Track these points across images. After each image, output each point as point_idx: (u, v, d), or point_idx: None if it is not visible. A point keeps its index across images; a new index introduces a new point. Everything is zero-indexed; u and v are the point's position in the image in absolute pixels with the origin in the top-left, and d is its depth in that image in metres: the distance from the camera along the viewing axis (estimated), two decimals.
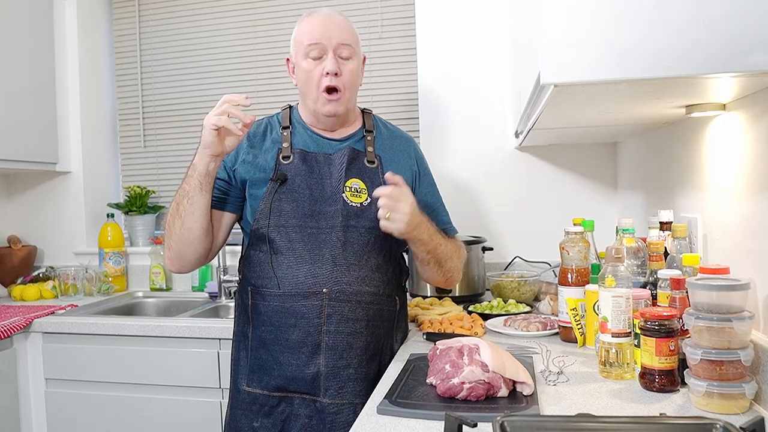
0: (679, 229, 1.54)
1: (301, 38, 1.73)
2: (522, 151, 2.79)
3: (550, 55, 1.11)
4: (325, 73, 1.69)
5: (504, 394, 1.30)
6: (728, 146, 1.45)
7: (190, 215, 1.66)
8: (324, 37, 1.70)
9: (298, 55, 1.74)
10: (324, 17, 1.73)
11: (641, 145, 2.27)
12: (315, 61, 1.71)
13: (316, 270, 1.66)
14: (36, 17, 3.00)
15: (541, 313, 2.16)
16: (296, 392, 1.68)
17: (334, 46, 1.70)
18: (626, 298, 1.44)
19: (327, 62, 1.69)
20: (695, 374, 1.23)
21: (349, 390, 1.64)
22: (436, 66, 2.85)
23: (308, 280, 1.66)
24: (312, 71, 1.71)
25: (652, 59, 1.07)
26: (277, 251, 1.69)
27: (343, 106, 1.74)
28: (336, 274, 1.66)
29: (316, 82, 1.71)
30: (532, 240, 2.75)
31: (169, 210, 1.72)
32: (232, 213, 1.79)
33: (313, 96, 1.72)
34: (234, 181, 1.76)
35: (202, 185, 1.64)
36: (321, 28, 1.71)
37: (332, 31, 1.70)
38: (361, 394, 1.62)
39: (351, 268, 1.67)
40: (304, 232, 1.68)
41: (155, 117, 3.34)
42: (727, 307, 1.20)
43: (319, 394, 1.65)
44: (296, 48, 1.75)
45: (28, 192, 3.30)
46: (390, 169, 1.77)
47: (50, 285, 2.96)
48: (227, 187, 1.76)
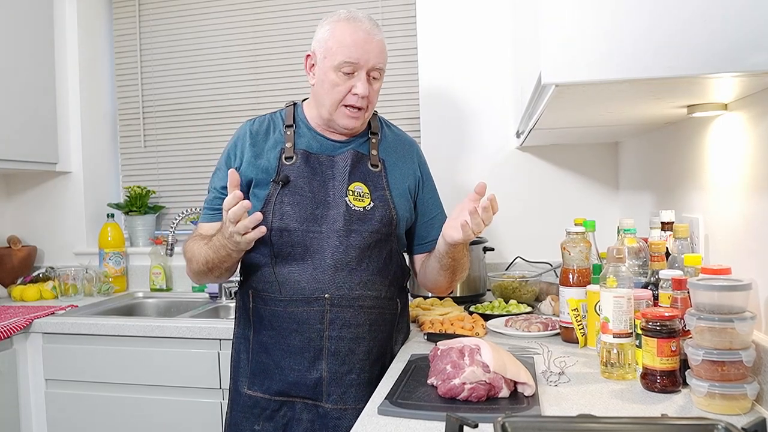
0: (680, 229, 1.54)
1: (335, 48, 1.65)
2: (523, 151, 2.79)
3: (552, 54, 1.11)
4: (354, 92, 1.66)
5: (505, 394, 1.30)
6: (730, 146, 1.45)
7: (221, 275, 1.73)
8: (362, 59, 1.64)
9: (327, 62, 1.66)
10: (365, 35, 1.65)
11: (643, 145, 2.27)
12: (345, 77, 1.66)
13: (318, 275, 1.64)
14: (36, 17, 3.00)
15: (543, 313, 2.16)
16: (298, 397, 1.67)
17: (368, 68, 1.66)
18: (628, 298, 1.43)
19: (359, 84, 1.65)
20: (697, 375, 1.23)
21: (352, 395, 1.63)
22: (437, 66, 2.84)
23: (310, 285, 1.65)
24: (340, 86, 1.66)
25: (654, 59, 1.07)
26: (279, 255, 1.67)
27: (361, 122, 1.72)
28: (338, 279, 1.65)
29: (341, 97, 1.67)
30: (533, 240, 2.75)
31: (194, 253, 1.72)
32: None
33: (332, 108, 1.69)
34: (241, 185, 1.71)
35: (241, 254, 1.65)
36: (361, 48, 1.64)
37: (371, 53, 1.65)
38: (364, 399, 1.60)
39: (353, 272, 1.66)
40: (306, 237, 1.66)
41: (155, 117, 3.33)
42: (729, 308, 1.20)
43: (322, 399, 1.64)
44: (326, 54, 1.67)
45: (28, 192, 3.30)
46: (393, 174, 1.77)
47: (50, 285, 2.95)
48: None
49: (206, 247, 1.67)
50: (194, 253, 1.72)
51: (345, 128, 1.71)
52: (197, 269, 1.72)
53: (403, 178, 1.79)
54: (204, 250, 1.68)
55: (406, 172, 1.81)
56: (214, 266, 1.68)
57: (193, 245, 1.74)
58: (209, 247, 1.66)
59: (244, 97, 3.19)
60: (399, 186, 1.77)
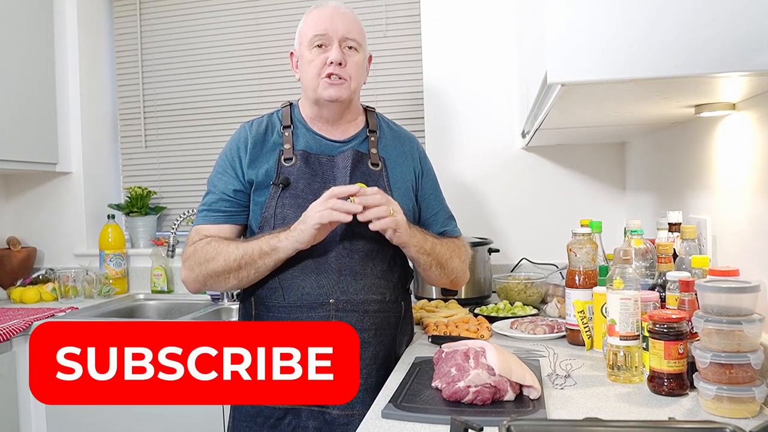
0: (688, 230, 1.53)
1: (306, 30, 1.71)
2: (529, 151, 2.78)
3: (557, 54, 1.11)
4: (329, 62, 1.66)
5: (510, 397, 1.29)
6: (738, 146, 1.44)
7: (245, 278, 1.64)
8: (330, 29, 1.67)
9: (302, 46, 1.71)
10: (331, 9, 1.70)
11: (650, 145, 2.26)
12: (318, 50, 1.68)
13: (322, 280, 1.63)
14: (36, 17, 2.99)
15: (548, 315, 2.14)
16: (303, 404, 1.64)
17: (339, 38, 1.68)
18: (634, 300, 1.42)
19: (332, 52, 1.67)
20: (704, 378, 1.22)
21: (359, 401, 1.58)
22: (442, 65, 2.83)
23: (314, 291, 1.63)
24: (315, 60, 1.68)
25: (660, 58, 1.06)
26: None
27: (346, 92, 1.70)
28: (342, 284, 1.63)
29: (318, 69, 1.68)
30: (538, 241, 2.73)
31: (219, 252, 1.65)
32: (244, 223, 1.75)
33: (314, 84, 1.69)
34: (248, 188, 1.72)
35: (276, 264, 1.62)
36: (328, 20, 1.68)
37: (338, 23, 1.68)
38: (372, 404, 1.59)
39: (357, 277, 1.64)
40: None
41: (156, 117, 3.32)
42: (737, 310, 1.19)
43: (328, 406, 1.61)
44: (300, 39, 1.73)
45: (27, 193, 3.29)
46: (394, 172, 1.76)
47: (50, 287, 2.94)
48: (246, 200, 1.72)
49: (245, 244, 1.63)
50: (217, 251, 1.64)
51: (329, 99, 1.69)
52: (217, 269, 1.64)
53: (404, 175, 1.78)
54: (241, 247, 1.62)
55: (407, 169, 1.79)
56: (246, 264, 1.61)
57: (211, 246, 1.66)
58: (254, 243, 1.61)
59: (247, 97, 3.18)
60: (400, 184, 1.76)
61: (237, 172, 1.71)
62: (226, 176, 1.73)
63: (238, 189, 1.71)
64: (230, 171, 1.72)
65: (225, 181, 1.73)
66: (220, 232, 1.71)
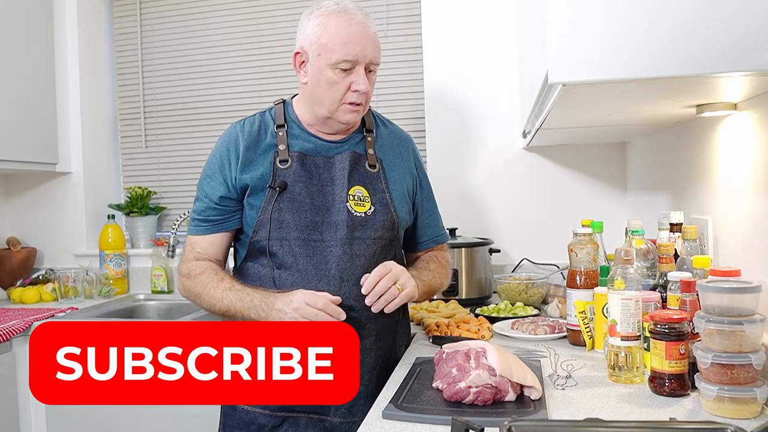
0: (689, 230, 1.53)
1: (331, 45, 1.58)
2: (530, 151, 2.78)
3: (558, 53, 1.11)
4: (354, 89, 1.60)
5: (511, 398, 1.29)
6: (740, 146, 1.44)
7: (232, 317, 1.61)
8: (360, 54, 1.58)
9: (322, 59, 1.59)
10: (360, 29, 1.59)
11: (651, 145, 2.26)
12: (343, 73, 1.59)
13: (323, 286, 1.58)
14: (36, 17, 2.99)
15: (549, 316, 2.14)
16: (302, 412, 1.60)
17: (366, 63, 1.60)
18: (636, 300, 1.42)
19: (360, 81, 1.59)
20: (706, 378, 1.22)
21: (361, 407, 1.54)
22: (443, 65, 2.83)
23: None
24: (339, 84, 1.59)
25: (662, 58, 1.07)
26: (281, 266, 1.62)
27: (362, 114, 1.68)
28: (344, 291, 1.59)
29: (340, 95, 1.61)
30: (539, 242, 2.73)
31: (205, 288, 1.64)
32: (236, 227, 1.72)
33: (333, 108, 1.62)
34: (236, 193, 1.67)
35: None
36: (358, 43, 1.58)
37: (368, 48, 1.59)
38: None
39: (359, 283, 1.58)
40: (308, 246, 1.60)
41: (157, 117, 3.32)
42: (739, 310, 1.19)
43: (329, 413, 1.59)
44: (320, 51, 1.59)
45: (27, 193, 3.29)
46: (391, 174, 1.73)
47: (50, 287, 2.94)
48: (234, 206, 1.68)
49: (232, 295, 1.59)
50: (205, 289, 1.63)
51: (347, 124, 1.67)
52: (205, 306, 1.64)
53: (402, 178, 1.76)
54: (227, 296, 1.60)
55: (404, 172, 1.77)
56: (231, 317, 1.59)
57: (200, 280, 1.65)
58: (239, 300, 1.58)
59: (247, 97, 3.17)
60: (398, 187, 1.74)
61: (226, 176, 1.67)
62: (214, 181, 1.69)
63: (224, 196, 1.66)
64: (218, 175, 1.68)
65: (212, 186, 1.69)
66: (211, 245, 1.69)
